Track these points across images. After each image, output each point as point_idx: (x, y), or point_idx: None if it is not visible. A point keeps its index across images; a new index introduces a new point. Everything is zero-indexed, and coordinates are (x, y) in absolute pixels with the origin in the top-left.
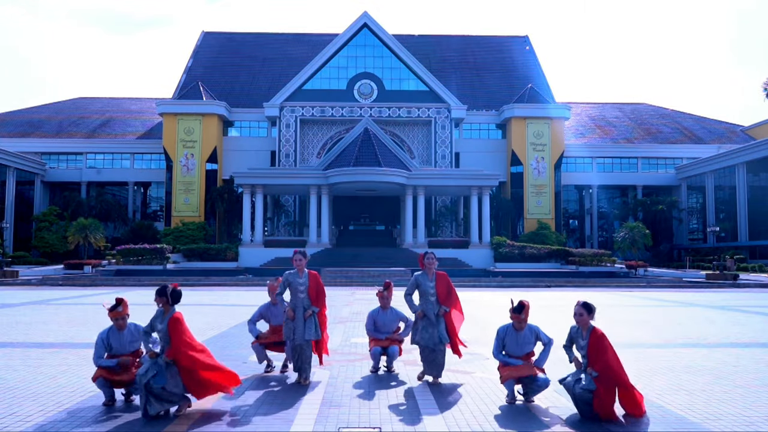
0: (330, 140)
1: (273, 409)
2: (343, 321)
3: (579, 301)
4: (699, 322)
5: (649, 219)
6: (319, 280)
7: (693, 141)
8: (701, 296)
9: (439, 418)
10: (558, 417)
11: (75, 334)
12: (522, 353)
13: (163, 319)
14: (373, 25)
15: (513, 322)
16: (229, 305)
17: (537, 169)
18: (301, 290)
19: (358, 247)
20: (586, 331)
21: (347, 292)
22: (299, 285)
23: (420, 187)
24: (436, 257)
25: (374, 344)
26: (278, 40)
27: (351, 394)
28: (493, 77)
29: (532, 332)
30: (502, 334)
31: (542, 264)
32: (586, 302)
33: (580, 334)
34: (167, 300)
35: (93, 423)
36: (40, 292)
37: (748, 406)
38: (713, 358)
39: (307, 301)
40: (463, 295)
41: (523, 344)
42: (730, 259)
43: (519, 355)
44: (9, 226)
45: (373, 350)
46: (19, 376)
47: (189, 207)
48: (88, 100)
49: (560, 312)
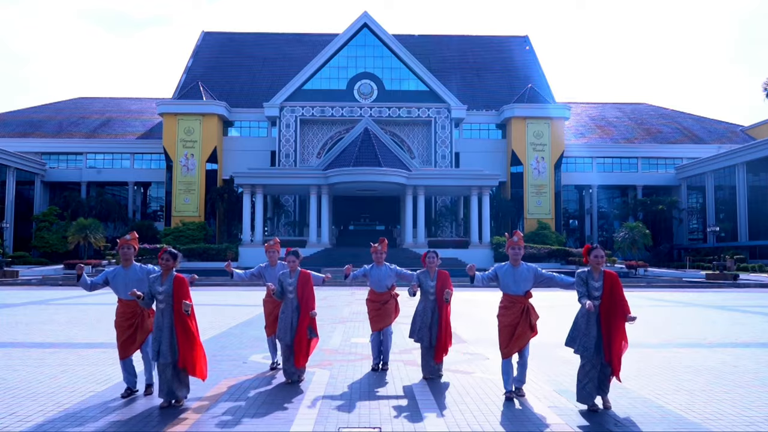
0: (330, 140)
1: (273, 409)
2: (343, 321)
3: (596, 245)
4: (699, 322)
5: (649, 219)
6: (309, 280)
7: (693, 141)
8: (701, 296)
9: (440, 417)
10: (558, 417)
11: (75, 334)
12: (520, 291)
13: (164, 281)
14: (373, 25)
15: (509, 258)
16: (229, 305)
17: (537, 169)
18: (290, 290)
19: (358, 247)
20: (598, 273)
21: (347, 292)
22: (288, 285)
23: (420, 187)
24: (439, 256)
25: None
26: (278, 40)
27: (351, 394)
28: (493, 77)
29: (530, 270)
30: (498, 269)
31: (542, 264)
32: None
33: (592, 276)
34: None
35: (93, 423)
36: (40, 292)
37: (748, 406)
38: (713, 358)
39: (296, 301)
40: (463, 295)
41: (520, 281)
42: (730, 259)
43: (517, 293)
44: (9, 226)
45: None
46: (19, 376)
47: (189, 207)
48: (88, 100)
49: (561, 312)
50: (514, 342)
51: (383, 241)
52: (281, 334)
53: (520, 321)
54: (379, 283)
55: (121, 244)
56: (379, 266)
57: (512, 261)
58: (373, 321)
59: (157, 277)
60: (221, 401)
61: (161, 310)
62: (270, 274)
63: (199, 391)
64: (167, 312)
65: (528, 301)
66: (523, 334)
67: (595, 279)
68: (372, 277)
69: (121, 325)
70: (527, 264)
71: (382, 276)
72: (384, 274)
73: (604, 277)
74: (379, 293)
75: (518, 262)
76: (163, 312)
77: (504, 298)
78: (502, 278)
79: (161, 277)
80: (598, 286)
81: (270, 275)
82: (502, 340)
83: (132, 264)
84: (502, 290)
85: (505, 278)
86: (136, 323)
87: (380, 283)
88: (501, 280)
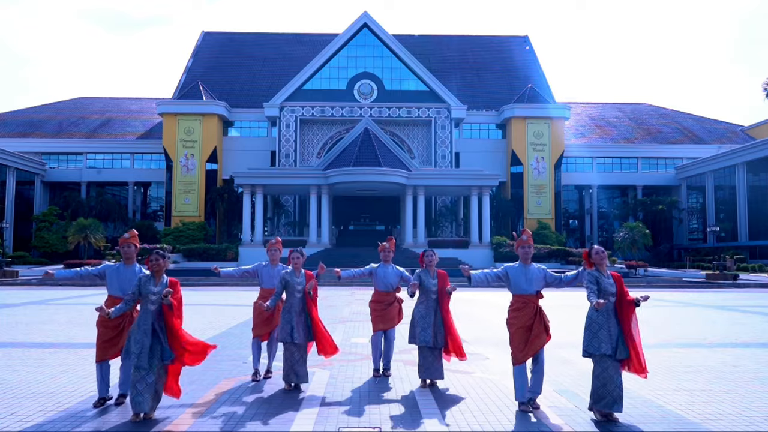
0: (330, 140)
1: (273, 409)
2: (343, 321)
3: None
4: (699, 322)
5: (649, 219)
6: (313, 277)
7: (693, 141)
8: (701, 296)
9: (440, 418)
10: (558, 417)
11: (75, 334)
12: (531, 290)
13: (158, 282)
14: (373, 25)
15: (520, 257)
16: (229, 305)
17: (537, 169)
18: (298, 290)
19: (358, 247)
20: (605, 270)
21: (347, 292)
22: (296, 284)
23: (420, 187)
24: (436, 254)
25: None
26: (278, 40)
27: (351, 394)
28: (493, 77)
29: (541, 270)
30: (509, 269)
31: (542, 264)
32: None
33: (602, 274)
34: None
35: (93, 423)
36: (40, 292)
37: (748, 406)
38: (713, 358)
39: (303, 302)
40: (463, 295)
41: (532, 279)
42: (730, 259)
43: (530, 293)
44: (9, 226)
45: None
46: (19, 376)
47: (189, 207)
48: (88, 100)
49: (562, 312)
50: (529, 346)
51: (391, 240)
52: (283, 335)
53: (534, 322)
54: (385, 282)
55: (121, 242)
56: (386, 265)
57: (523, 260)
58: (375, 321)
59: (149, 277)
60: (221, 401)
61: (150, 312)
62: (268, 274)
63: (199, 391)
64: (156, 313)
65: (539, 303)
66: (538, 336)
67: (606, 276)
68: (378, 276)
69: (106, 324)
70: (537, 265)
71: (389, 275)
72: (390, 274)
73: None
74: (384, 293)
75: (529, 261)
76: (152, 314)
77: (515, 299)
78: (513, 278)
79: (154, 278)
80: (612, 282)
81: (268, 274)
82: (516, 345)
83: (134, 264)
84: (513, 291)
85: (516, 278)
86: (122, 324)
87: (386, 282)
88: (512, 280)
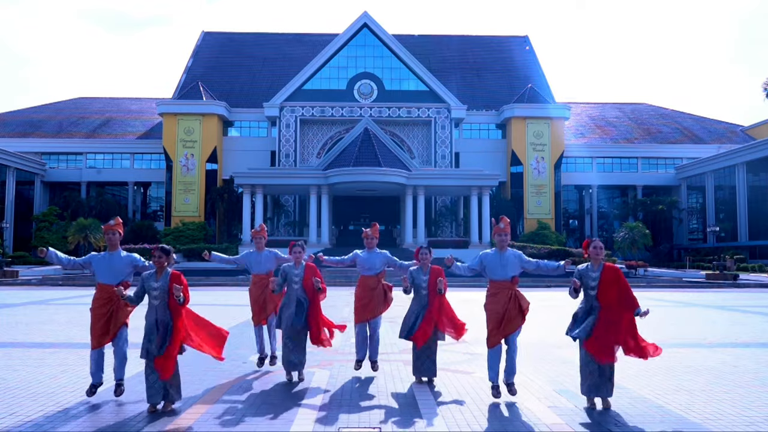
0: (330, 140)
1: (273, 409)
2: (343, 321)
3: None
4: (699, 322)
5: (649, 219)
6: (316, 270)
7: (693, 141)
8: (701, 296)
9: (439, 418)
10: (558, 417)
11: (75, 334)
12: (507, 276)
13: (159, 277)
14: (373, 25)
15: (496, 244)
16: (229, 305)
17: (537, 169)
18: (296, 281)
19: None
20: (597, 264)
21: (347, 292)
22: (294, 276)
23: (420, 187)
24: (432, 251)
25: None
26: (278, 40)
27: (351, 394)
28: (493, 77)
29: (516, 256)
30: (483, 256)
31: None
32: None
33: (590, 268)
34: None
35: (93, 423)
36: (40, 292)
37: (748, 406)
38: (713, 358)
39: (301, 292)
40: (463, 295)
41: (507, 266)
42: (730, 259)
43: (504, 279)
44: (9, 226)
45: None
46: (19, 376)
47: (189, 207)
48: (88, 100)
49: (562, 312)
50: (502, 329)
51: (374, 226)
52: (284, 325)
53: (509, 307)
54: (367, 265)
55: (105, 230)
56: (370, 251)
57: (499, 246)
58: (358, 311)
59: (152, 273)
60: (221, 401)
61: (154, 307)
62: (255, 260)
63: (199, 390)
64: (161, 308)
65: (515, 288)
66: (512, 320)
67: (593, 270)
68: (361, 260)
69: (97, 311)
70: (513, 250)
71: (373, 260)
72: (374, 258)
73: (603, 269)
74: (367, 277)
75: (505, 247)
76: (156, 308)
77: (491, 285)
78: (488, 264)
79: (156, 273)
80: (594, 276)
81: (255, 260)
82: (490, 329)
83: (118, 250)
84: (489, 276)
85: (491, 264)
86: (111, 310)
87: (368, 265)
88: (487, 265)
